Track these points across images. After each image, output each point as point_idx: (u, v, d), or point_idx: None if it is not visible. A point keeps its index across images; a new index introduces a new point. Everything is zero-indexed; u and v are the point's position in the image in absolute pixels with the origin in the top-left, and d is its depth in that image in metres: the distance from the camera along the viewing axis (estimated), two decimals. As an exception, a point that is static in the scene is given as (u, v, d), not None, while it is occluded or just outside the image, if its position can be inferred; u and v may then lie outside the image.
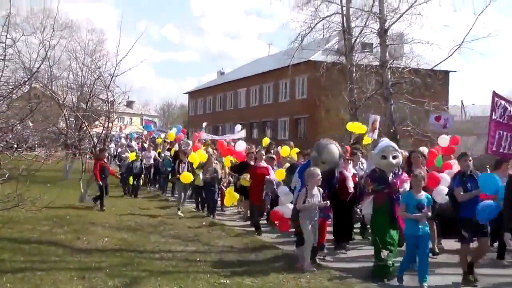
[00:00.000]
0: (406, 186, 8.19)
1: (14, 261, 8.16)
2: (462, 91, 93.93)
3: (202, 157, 14.33)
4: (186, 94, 66.20)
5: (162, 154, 20.00)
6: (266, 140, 18.20)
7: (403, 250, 8.14)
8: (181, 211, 14.03)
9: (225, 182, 15.17)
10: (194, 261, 8.72)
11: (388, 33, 22.92)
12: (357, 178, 10.34)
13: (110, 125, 16.30)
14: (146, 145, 23.34)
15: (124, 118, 51.97)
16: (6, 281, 7.07)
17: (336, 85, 27.21)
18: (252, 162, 12.68)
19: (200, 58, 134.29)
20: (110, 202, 14.68)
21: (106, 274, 7.55)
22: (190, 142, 18.79)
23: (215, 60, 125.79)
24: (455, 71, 36.14)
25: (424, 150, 11.52)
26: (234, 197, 13.42)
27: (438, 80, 23.49)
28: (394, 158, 8.20)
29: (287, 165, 12.88)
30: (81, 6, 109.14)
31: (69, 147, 18.72)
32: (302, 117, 39.43)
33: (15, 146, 9.45)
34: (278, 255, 9.39)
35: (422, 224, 7.51)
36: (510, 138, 9.20)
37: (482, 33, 23.84)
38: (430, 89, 23.38)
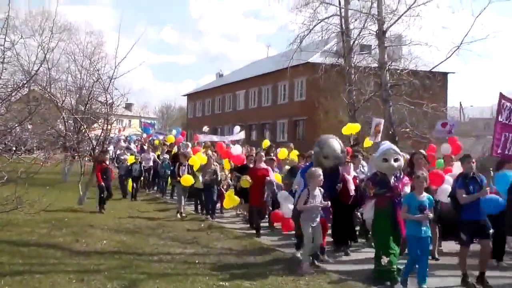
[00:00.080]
0: (407, 190, 8.11)
1: (12, 263, 8.15)
2: (461, 93, 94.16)
3: (202, 159, 14.31)
4: (184, 96, 66.30)
5: (161, 156, 20.00)
6: (266, 142, 18.16)
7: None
8: (183, 213, 14.00)
9: (224, 184, 15.14)
10: (193, 263, 8.71)
11: (386, 35, 22.98)
12: (357, 181, 10.29)
13: (109, 127, 16.28)
14: (145, 147, 23.35)
15: (123, 120, 52.00)
16: (5, 284, 7.05)
17: (334, 87, 27.27)
18: (251, 165, 12.65)
19: (198, 60, 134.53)
20: (109, 204, 14.67)
21: (105, 276, 7.54)
22: (189, 144, 18.81)
23: (214, 62, 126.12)
24: (454, 73, 36.24)
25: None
26: (235, 200, 13.32)
27: (436, 81, 23.54)
28: (396, 161, 8.10)
29: (287, 167, 12.87)
30: (79, 9, 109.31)
31: (68, 150, 18.64)
32: (300, 119, 39.47)
33: (14, 148, 9.44)
34: (277, 258, 9.36)
35: (425, 225, 7.46)
36: None
37: (481, 34, 23.99)
38: (428, 90, 23.44)
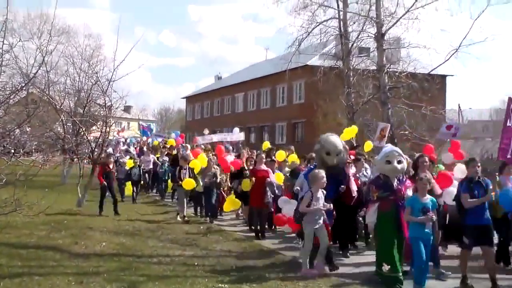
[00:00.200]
0: (409, 193, 8.01)
1: (11, 266, 8.14)
2: (459, 95, 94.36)
3: (204, 162, 14.24)
4: (183, 99, 66.29)
5: (160, 158, 19.99)
6: (266, 144, 18.14)
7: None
8: (186, 217, 13.87)
9: (225, 186, 15.10)
10: (192, 265, 8.71)
11: (385, 37, 23.03)
12: (359, 181, 10.25)
13: (108, 130, 16.28)
14: (145, 148, 23.36)
15: (121, 123, 51.96)
16: (4, 286, 7.05)
17: (333, 89, 27.28)
18: (251, 166, 12.58)
19: (197, 62, 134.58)
20: (108, 206, 14.63)
21: (104, 278, 7.54)
22: (188, 146, 18.79)
23: (212, 64, 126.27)
24: (452, 75, 36.29)
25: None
26: (236, 203, 13.20)
27: (435, 84, 23.54)
28: (399, 163, 8.01)
29: (287, 169, 12.85)
30: (78, 12, 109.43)
31: (66, 152, 18.67)
32: (299, 121, 39.51)
33: (13, 151, 9.46)
34: (277, 260, 9.34)
35: (428, 227, 7.38)
36: None
37: (479, 37, 24.03)
38: (427, 93, 23.43)
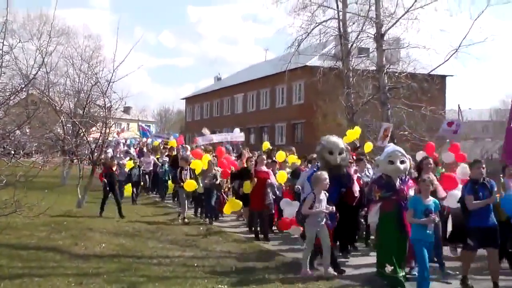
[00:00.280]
0: (411, 193, 7.96)
1: (12, 267, 8.14)
2: (459, 95, 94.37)
3: (205, 163, 14.19)
4: (183, 99, 66.30)
5: (160, 159, 20.00)
6: (265, 144, 18.13)
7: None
8: (186, 218, 13.80)
9: (226, 187, 15.07)
10: (191, 266, 8.72)
11: (384, 38, 23.02)
12: (361, 182, 10.24)
13: (107, 131, 16.29)
14: (145, 149, 23.38)
15: (121, 124, 52.03)
16: (4, 287, 7.06)
17: (333, 90, 27.27)
18: (252, 167, 12.51)
19: (197, 63, 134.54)
20: (108, 208, 14.62)
21: (104, 280, 7.54)
22: (188, 147, 18.79)
23: (212, 65, 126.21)
24: (452, 76, 36.29)
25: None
26: (237, 205, 13.06)
27: (435, 84, 23.50)
28: (402, 163, 7.96)
29: (288, 170, 12.85)
30: (78, 12, 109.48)
31: (66, 153, 18.70)
32: (299, 122, 39.53)
33: (13, 152, 9.46)
34: (277, 261, 9.34)
35: (430, 229, 7.30)
36: None
37: (479, 37, 24.01)
38: (427, 93, 23.41)
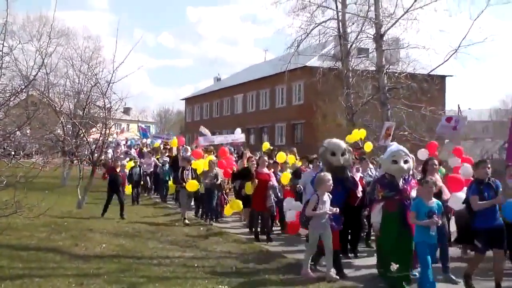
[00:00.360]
0: (413, 193, 7.89)
1: (12, 267, 8.15)
2: (459, 96, 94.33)
3: (206, 163, 14.19)
4: (183, 100, 66.31)
5: (160, 159, 20.01)
6: (265, 145, 18.11)
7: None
8: (187, 219, 13.73)
9: (227, 188, 15.06)
10: (192, 267, 8.73)
11: (384, 38, 22.99)
12: (364, 181, 10.24)
13: (107, 131, 16.30)
14: (145, 149, 23.41)
15: (121, 124, 52.03)
16: (5, 287, 7.07)
17: (332, 90, 27.27)
18: (254, 168, 12.50)
19: (196, 64, 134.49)
20: (109, 208, 14.61)
21: (104, 280, 7.56)
22: (188, 148, 18.81)
23: (212, 66, 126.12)
24: (452, 76, 36.30)
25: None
26: (238, 206, 13.07)
27: (434, 84, 23.47)
28: (406, 163, 7.90)
29: (289, 170, 12.87)
30: (77, 14, 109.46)
31: (66, 154, 18.72)
32: (299, 122, 39.53)
33: (13, 153, 9.48)
34: (277, 262, 9.35)
35: (433, 231, 7.25)
36: None
37: (479, 37, 23.92)
38: (426, 93, 23.39)
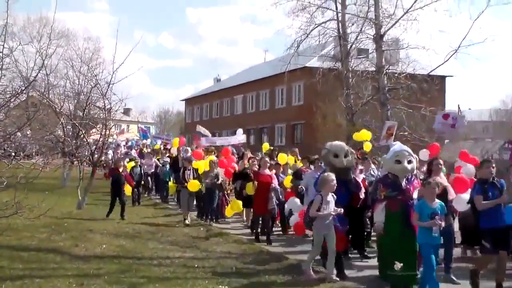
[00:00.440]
0: (415, 195, 7.82)
1: (12, 268, 8.16)
2: (459, 96, 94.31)
3: (207, 164, 14.19)
4: (182, 101, 66.31)
5: (161, 160, 20.02)
6: (265, 145, 18.11)
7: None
8: (187, 220, 13.66)
9: (228, 189, 15.08)
10: (192, 267, 8.74)
11: (384, 38, 23.04)
12: (366, 182, 10.22)
13: (107, 132, 16.32)
14: (145, 150, 23.42)
15: (121, 125, 52.04)
16: (5, 288, 7.09)
17: (332, 91, 27.29)
18: (255, 168, 12.51)
19: (196, 65, 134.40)
20: (107, 209, 14.63)
21: (105, 281, 7.56)
22: (189, 149, 18.82)
23: (212, 66, 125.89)
24: (452, 76, 36.27)
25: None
26: (239, 206, 13.04)
27: (434, 85, 23.48)
28: (409, 163, 7.85)
29: (290, 171, 12.86)
30: (77, 15, 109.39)
31: (66, 155, 18.72)
32: (299, 123, 39.54)
33: (13, 154, 9.48)
34: (277, 262, 9.34)
35: (435, 232, 7.21)
36: None
37: (479, 38, 23.90)
38: (426, 94, 23.39)
